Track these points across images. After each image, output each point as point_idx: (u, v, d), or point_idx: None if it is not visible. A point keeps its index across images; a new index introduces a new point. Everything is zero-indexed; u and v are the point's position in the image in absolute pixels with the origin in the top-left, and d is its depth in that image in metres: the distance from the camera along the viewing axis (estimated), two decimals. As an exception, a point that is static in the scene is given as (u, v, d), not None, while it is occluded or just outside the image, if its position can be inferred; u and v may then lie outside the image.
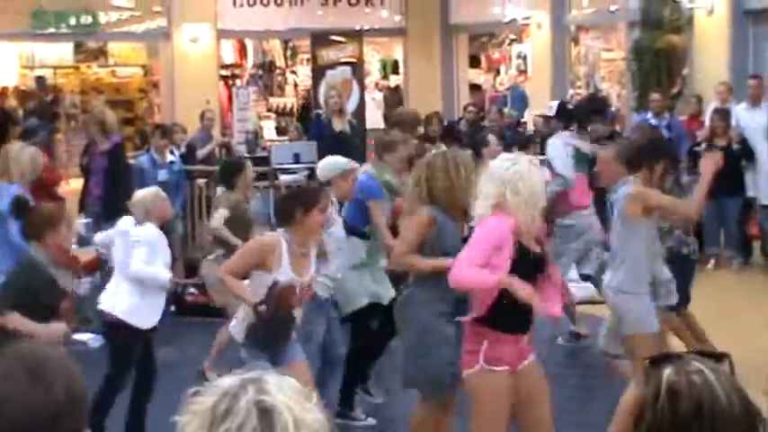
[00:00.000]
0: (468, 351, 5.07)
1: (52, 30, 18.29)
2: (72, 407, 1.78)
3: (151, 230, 6.53)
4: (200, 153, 12.81)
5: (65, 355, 1.89)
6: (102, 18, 18.87)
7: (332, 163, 7.20)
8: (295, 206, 5.72)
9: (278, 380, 1.80)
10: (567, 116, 9.61)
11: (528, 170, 4.99)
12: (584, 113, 9.37)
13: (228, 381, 1.79)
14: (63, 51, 20.91)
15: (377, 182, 7.41)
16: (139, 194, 6.82)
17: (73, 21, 18.38)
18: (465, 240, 5.46)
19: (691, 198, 6.43)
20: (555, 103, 11.25)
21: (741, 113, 12.00)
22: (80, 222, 9.91)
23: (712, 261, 11.68)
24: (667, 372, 1.91)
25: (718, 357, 1.97)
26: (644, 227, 6.16)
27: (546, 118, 10.86)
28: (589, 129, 9.15)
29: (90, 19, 18.50)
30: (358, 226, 7.28)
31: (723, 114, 11.76)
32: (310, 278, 5.75)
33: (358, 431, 7.09)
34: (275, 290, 5.54)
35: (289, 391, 1.78)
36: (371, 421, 7.22)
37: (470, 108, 14.35)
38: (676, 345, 7.16)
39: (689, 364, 1.92)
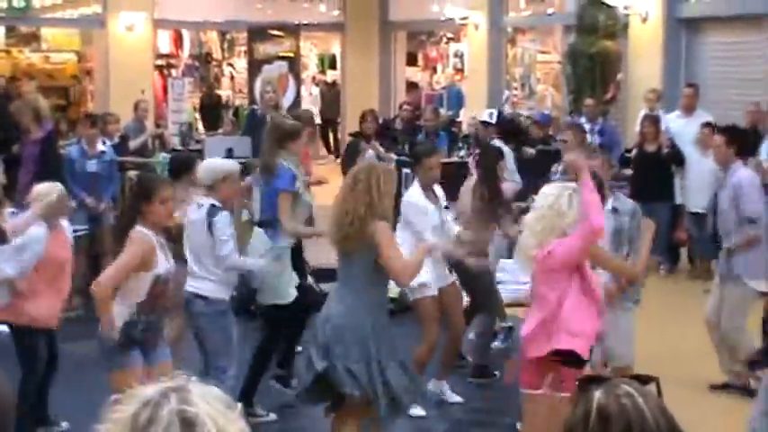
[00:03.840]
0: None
1: (-17, 13, 17.97)
2: None
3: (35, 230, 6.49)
4: (133, 144, 12.64)
5: None
6: (36, 2, 18.57)
7: (212, 166, 6.78)
8: (138, 200, 5.76)
9: (202, 389, 1.77)
10: (507, 131, 9.83)
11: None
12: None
13: (151, 389, 1.75)
14: (-6, 35, 20.53)
15: (290, 173, 7.42)
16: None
17: (5, 4, 18.05)
18: None
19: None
20: (494, 111, 11.34)
21: (673, 121, 12.16)
22: (6, 211, 9.72)
23: (640, 265, 11.85)
24: (597, 395, 1.93)
25: (646, 380, 2.00)
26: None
27: (485, 124, 10.87)
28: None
29: (23, 2, 18.18)
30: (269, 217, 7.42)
31: (653, 120, 11.92)
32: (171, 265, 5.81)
33: (261, 428, 6.99)
34: (159, 281, 5.64)
35: (212, 401, 1.75)
36: (273, 417, 7.25)
37: (406, 107, 14.37)
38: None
39: (618, 386, 1.94)
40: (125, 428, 1.71)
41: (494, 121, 10.40)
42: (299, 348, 7.61)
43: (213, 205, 6.48)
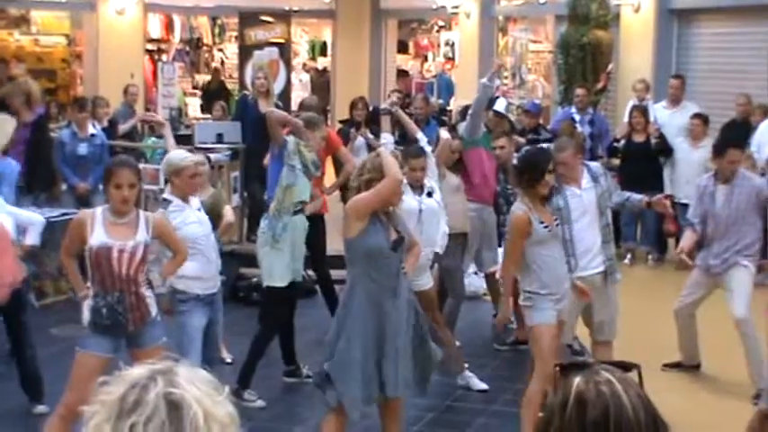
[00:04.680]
0: None
1: (-28, -5, 17.87)
2: None
3: None
4: (122, 128, 12.64)
5: None
6: (26, -16, 18.51)
7: (169, 161, 6.71)
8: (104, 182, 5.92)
9: (189, 372, 1.76)
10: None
11: None
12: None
13: (138, 371, 1.75)
14: (-17, 17, 20.41)
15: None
16: None
17: (-5, -14, 17.97)
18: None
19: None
20: (506, 102, 11.07)
21: (660, 112, 12.22)
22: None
23: (629, 256, 11.90)
24: (577, 380, 1.94)
25: (628, 367, 2.01)
26: (530, 241, 6.29)
27: (498, 114, 10.32)
28: None
29: (13, -15, 18.12)
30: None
31: (642, 110, 11.97)
32: (135, 243, 5.67)
33: (249, 413, 6.98)
34: (92, 253, 5.63)
35: (199, 384, 1.74)
36: (261, 403, 7.28)
37: (396, 93, 14.33)
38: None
39: (598, 373, 1.95)
40: (112, 411, 1.71)
41: (505, 111, 10.20)
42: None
43: (163, 199, 6.60)
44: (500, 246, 8.84)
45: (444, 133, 8.80)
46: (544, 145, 8.61)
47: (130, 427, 1.68)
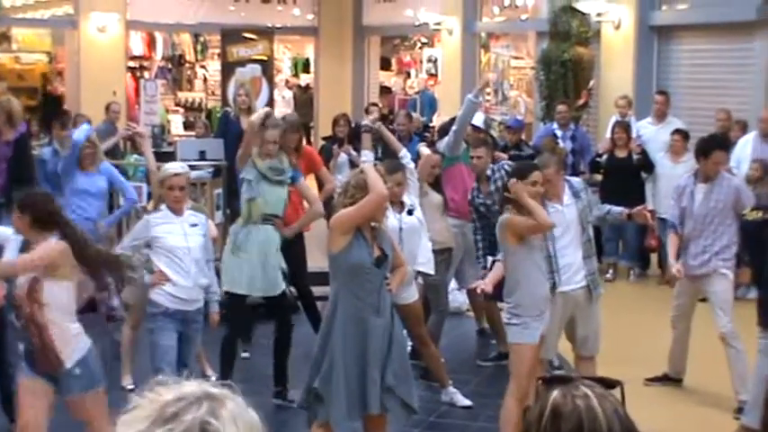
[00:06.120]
0: None
1: (-47, 12, 17.81)
2: None
3: None
4: (104, 146, 12.57)
5: None
6: (7, 2, 18.43)
7: (161, 171, 6.85)
8: None
9: (238, 408, 1.72)
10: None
11: None
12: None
13: (193, 386, 1.73)
14: (-36, 35, 20.35)
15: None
16: None
17: (-25, 4, 17.91)
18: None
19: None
20: (485, 116, 11.14)
21: (644, 128, 12.27)
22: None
23: (611, 271, 11.93)
24: (554, 394, 1.96)
25: (611, 384, 2.02)
26: (524, 249, 6.32)
27: (476, 128, 10.28)
28: None
29: (-6, 3, 18.06)
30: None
31: (624, 126, 12.02)
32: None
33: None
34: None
35: (241, 424, 1.70)
36: None
37: (372, 108, 14.31)
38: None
39: (576, 387, 1.96)
40: (152, 411, 1.69)
41: (482, 125, 10.28)
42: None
43: (144, 208, 6.64)
44: (478, 260, 8.84)
45: (425, 149, 8.80)
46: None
47: None
